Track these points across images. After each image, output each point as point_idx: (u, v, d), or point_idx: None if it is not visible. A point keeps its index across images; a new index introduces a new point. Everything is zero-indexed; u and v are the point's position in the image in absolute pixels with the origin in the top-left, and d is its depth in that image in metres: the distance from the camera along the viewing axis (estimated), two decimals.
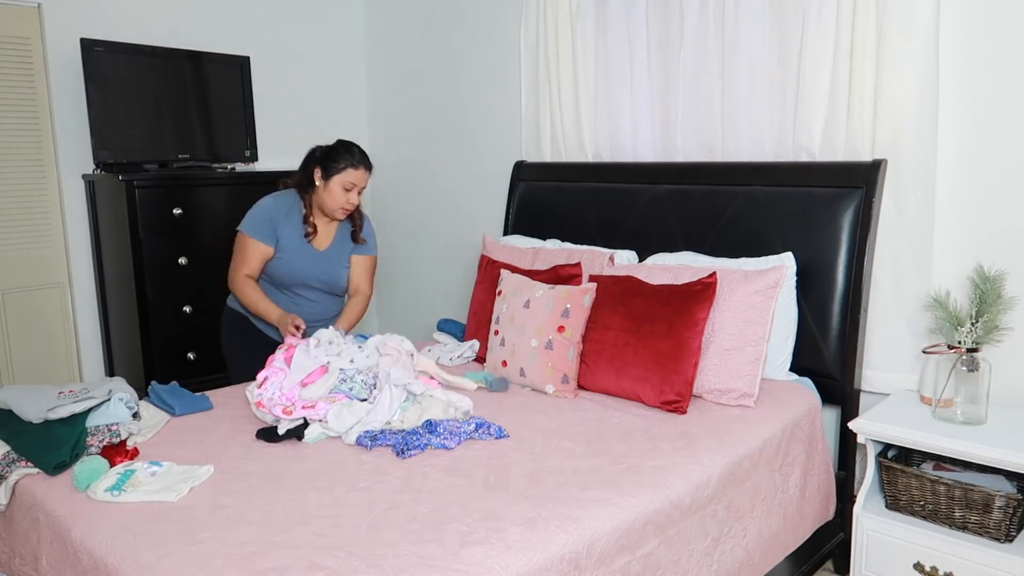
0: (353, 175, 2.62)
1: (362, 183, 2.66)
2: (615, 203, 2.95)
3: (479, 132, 3.69)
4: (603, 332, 2.39)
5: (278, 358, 2.24)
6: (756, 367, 2.25)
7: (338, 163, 2.61)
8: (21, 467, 1.86)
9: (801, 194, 2.48)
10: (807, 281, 2.43)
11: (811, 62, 2.46)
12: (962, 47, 2.23)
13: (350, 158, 2.62)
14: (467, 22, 3.66)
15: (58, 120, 3.26)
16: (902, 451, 2.23)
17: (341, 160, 2.61)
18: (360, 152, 2.66)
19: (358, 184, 2.64)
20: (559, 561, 1.49)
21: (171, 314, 3.23)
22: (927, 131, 2.28)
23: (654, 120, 2.96)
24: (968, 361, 2.08)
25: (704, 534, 1.85)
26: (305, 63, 4.02)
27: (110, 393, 2.02)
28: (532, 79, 3.34)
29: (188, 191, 3.25)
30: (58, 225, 3.33)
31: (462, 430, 2.02)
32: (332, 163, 2.62)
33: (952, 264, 2.30)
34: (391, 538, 1.49)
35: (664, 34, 2.86)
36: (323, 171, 2.63)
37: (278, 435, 2.03)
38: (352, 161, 2.61)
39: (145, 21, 3.44)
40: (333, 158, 2.62)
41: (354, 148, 2.66)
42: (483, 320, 2.84)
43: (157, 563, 1.43)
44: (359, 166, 2.63)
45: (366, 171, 2.65)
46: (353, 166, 2.61)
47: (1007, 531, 1.97)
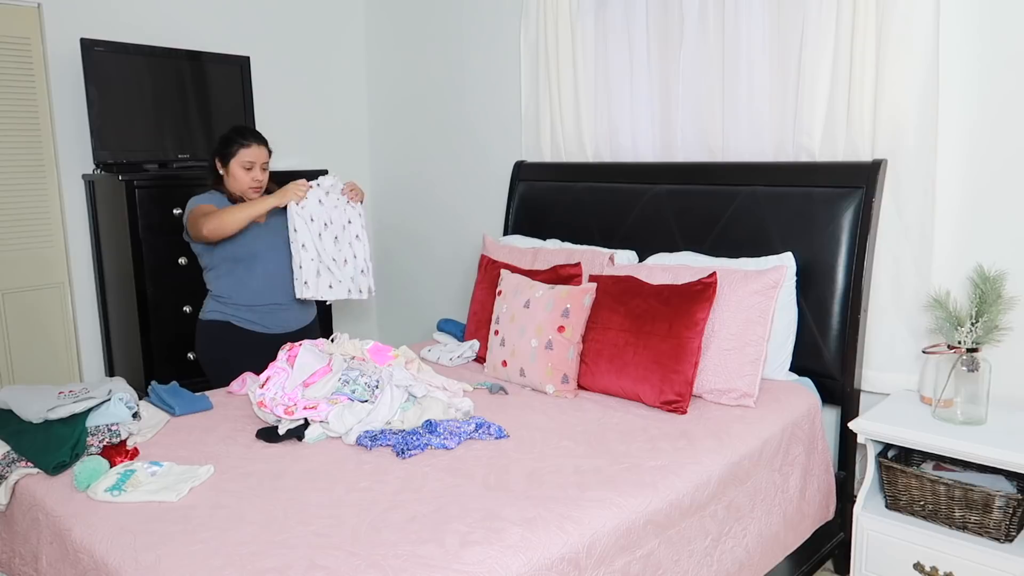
0: (246, 153, 2.65)
1: (260, 159, 2.68)
2: (615, 203, 2.95)
3: (479, 132, 3.69)
4: (603, 332, 2.39)
5: (280, 359, 2.24)
6: (756, 367, 2.25)
7: (229, 147, 2.66)
8: (21, 467, 1.86)
9: (801, 194, 2.48)
10: (807, 281, 2.43)
11: (811, 62, 2.46)
12: (962, 47, 2.23)
13: (239, 138, 2.65)
14: (467, 22, 3.66)
15: (58, 120, 3.26)
16: (902, 451, 2.23)
17: (231, 143, 2.66)
18: (249, 131, 2.70)
19: (256, 161, 2.67)
20: (559, 561, 1.49)
21: (171, 314, 3.23)
22: (927, 131, 2.28)
23: (654, 120, 2.96)
24: (968, 361, 2.08)
25: (704, 534, 1.85)
26: (305, 63, 4.02)
27: (110, 393, 2.02)
28: (532, 79, 3.34)
29: (188, 191, 3.24)
30: (58, 225, 3.33)
31: (462, 430, 2.02)
32: (224, 149, 2.67)
33: (952, 264, 2.31)
34: (391, 538, 1.49)
35: (664, 34, 2.86)
36: (220, 159, 2.68)
37: (278, 435, 2.03)
38: (241, 141, 2.65)
39: (145, 21, 3.44)
40: (224, 144, 2.68)
41: (243, 128, 2.72)
42: (483, 320, 2.84)
43: (157, 563, 1.43)
44: (249, 143, 2.65)
45: (258, 146, 2.67)
46: (243, 145, 2.64)
47: (1007, 531, 1.97)
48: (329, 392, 2.14)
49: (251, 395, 2.17)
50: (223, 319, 2.68)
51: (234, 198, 2.70)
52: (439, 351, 2.84)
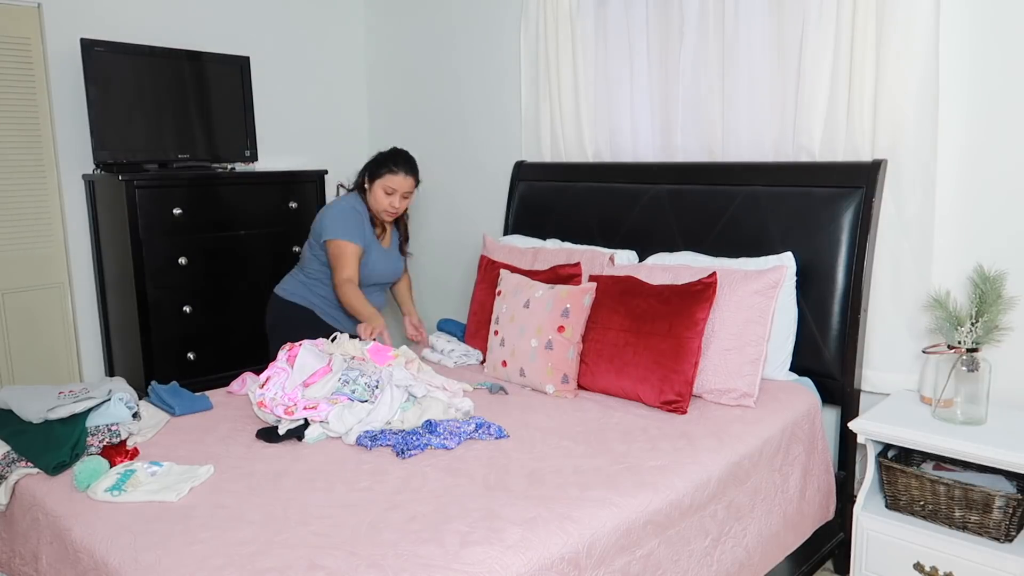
0: (392, 180, 2.80)
1: (402, 188, 2.82)
2: (615, 203, 2.95)
3: (479, 132, 3.69)
4: (603, 332, 2.39)
5: (280, 359, 2.24)
6: (756, 367, 2.25)
7: (379, 168, 2.82)
8: (21, 467, 1.86)
9: (801, 194, 2.48)
10: (807, 281, 2.43)
11: (811, 62, 2.46)
12: (962, 47, 2.23)
13: (391, 163, 2.81)
14: (467, 22, 3.66)
15: (58, 120, 3.26)
16: (902, 451, 2.23)
17: (382, 166, 2.82)
18: (404, 160, 2.85)
19: (398, 189, 2.82)
20: (559, 561, 1.49)
21: (171, 314, 3.23)
22: (927, 131, 2.28)
23: (654, 120, 2.96)
24: (968, 361, 2.08)
25: (704, 534, 1.85)
26: (305, 63, 4.01)
27: (110, 393, 2.02)
28: (532, 79, 3.34)
29: (188, 191, 3.25)
30: (58, 225, 3.33)
31: (462, 430, 2.02)
32: (376, 168, 2.84)
33: (952, 264, 2.30)
34: (391, 538, 1.49)
35: (664, 34, 2.86)
36: (369, 175, 2.84)
37: (278, 435, 2.03)
38: (391, 167, 2.80)
39: (145, 21, 3.44)
40: (378, 163, 2.84)
41: (399, 155, 2.87)
42: (483, 320, 2.84)
43: (157, 563, 1.43)
44: (398, 172, 2.81)
45: (406, 176, 2.83)
46: (392, 171, 2.81)
47: (1007, 531, 1.97)
48: (329, 392, 2.14)
49: (251, 395, 2.17)
50: (306, 304, 2.86)
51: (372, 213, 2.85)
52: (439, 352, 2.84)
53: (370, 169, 2.86)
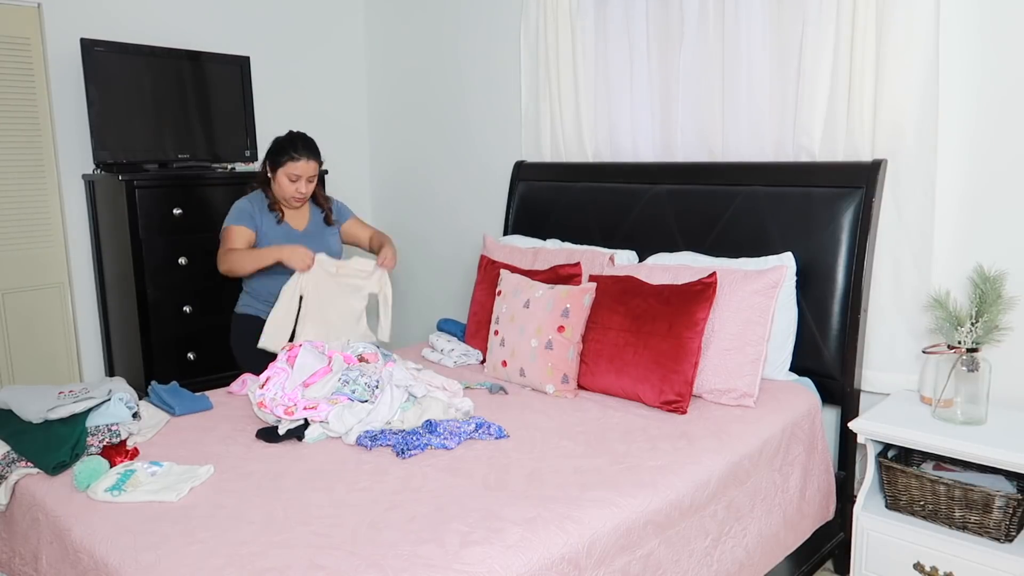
0: (294, 167, 2.70)
1: (306, 173, 2.72)
2: (615, 203, 2.95)
3: (479, 132, 3.69)
4: (603, 332, 2.39)
5: (280, 359, 2.24)
6: (756, 367, 2.25)
7: (280, 156, 2.71)
8: (21, 467, 1.86)
9: (801, 194, 2.48)
10: (807, 281, 2.43)
11: (811, 62, 2.46)
12: (962, 47, 2.23)
13: (291, 150, 2.70)
14: (467, 22, 3.66)
15: (58, 120, 3.26)
16: (902, 451, 2.23)
17: (283, 153, 2.71)
18: (303, 143, 2.72)
19: (302, 175, 2.72)
20: (559, 561, 1.49)
21: (171, 314, 3.23)
22: (927, 131, 2.28)
23: (654, 120, 2.96)
24: (968, 361, 2.08)
25: (704, 534, 1.85)
26: (305, 63, 4.01)
27: (110, 393, 2.02)
28: (532, 79, 3.34)
29: (188, 191, 3.25)
30: (58, 225, 3.33)
31: (462, 430, 2.02)
32: (276, 156, 2.73)
33: (952, 264, 2.30)
34: (391, 538, 1.49)
35: (664, 34, 2.86)
36: (270, 165, 2.74)
37: (278, 435, 2.03)
38: (291, 154, 2.69)
39: (145, 21, 3.44)
40: (276, 151, 2.73)
41: (297, 140, 2.73)
42: (483, 320, 2.84)
43: (157, 563, 1.43)
44: (299, 157, 2.70)
45: (308, 161, 2.71)
46: (293, 158, 2.69)
47: (1007, 531, 1.97)
48: (329, 392, 2.14)
49: (251, 395, 2.17)
50: (255, 313, 2.79)
51: (274, 204, 2.78)
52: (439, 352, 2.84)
53: (270, 158, 2.74)
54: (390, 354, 2.54)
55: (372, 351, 2.37)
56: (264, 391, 2.13)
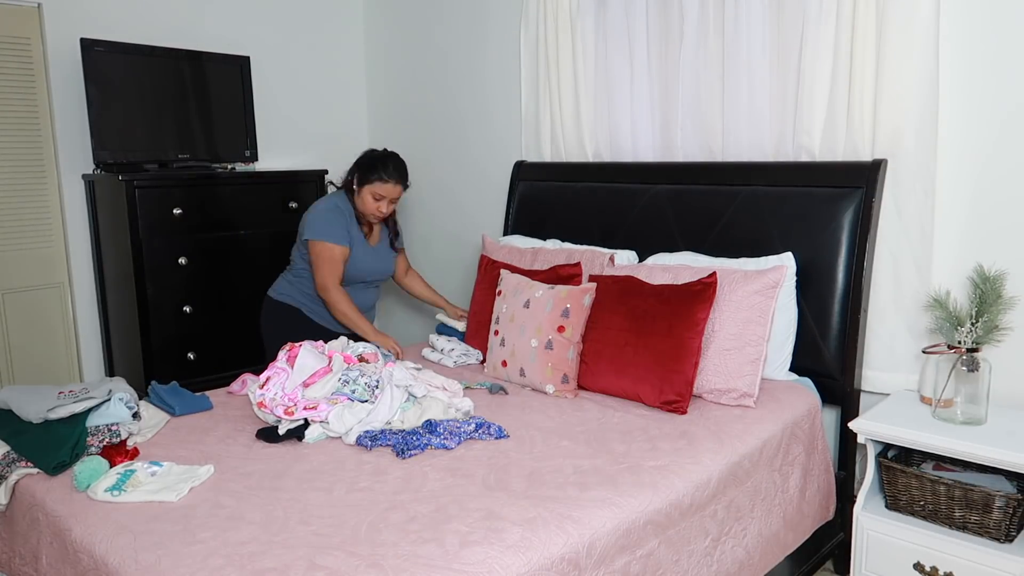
0: (381, 187, 2.78)
1: (391, 195, 2.81)
2: (615, 203, 2.95)
3: (479, 132, 3.69)
4: (603, 332, 2.39)
5: (280, 359, 2.24)
6: (756, 367, 2.25)
7: (370, 174, 2.78)
8: (21, 467, 1.86)
9: (801, 194, 2.48)
10: (807, 281, 2.43)
11: (811, 62, 2.46)
12: (962, 47, 2.23)
13: (382, 171, 2.78)
14: (467, 22, 3.66)
15: (58, 120, 3.26)
16: (902, 451, 2.23)
17: (373, 172, 2.78)
18: (395, 167, 2.81)
19: (387, 196, 2.80)
20: (559, 561, 1.49)
21: (171, 314, 3.23)
22: (927, 131, 2.28)
23: (654, 120, 2.96)
24: (968, 361, 2.08)
25: (704, 534, 1.85)
26: (305, 63, 4.01)
27: (110, 393, 2.02)
28: (532, 79, 3.34)
29: (188, 191, 3.25)
30: (58, 225, 3.33)
31: (462, 430, 2.02)
32: (366, 173, 2.79)
33: (952, 264, 2.30)
34: (391, 538, 1.49)
35: (664, 34, 2.86)
36: (358, 179, 2.80)
37: (278, 435, 2.03)
38: (382, 175, 2.77)
39: (145, 21, 3.44)
40: (368, 168, 2.79)
41: (389, 162, 2.81)
42: (483, 320, 2.84)
43: (157, 563, 1.43)
44: (388, 180, 2.78)
45: (395, 185, 2.80)
46: (382, 180, 2.78)
47: (1007, 531, 1.97)
48: (329, 392, 2.14)
49: (251, 396, 2.17)
50: (294, 304, 2.85)
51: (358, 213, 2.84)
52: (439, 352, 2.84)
53: (360, 172, 2.81)
54: (390, 355, 2.55)
55: (372, 351, 2.37)
56: (264, 391, 2.13)
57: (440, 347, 2.88)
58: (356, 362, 2.30)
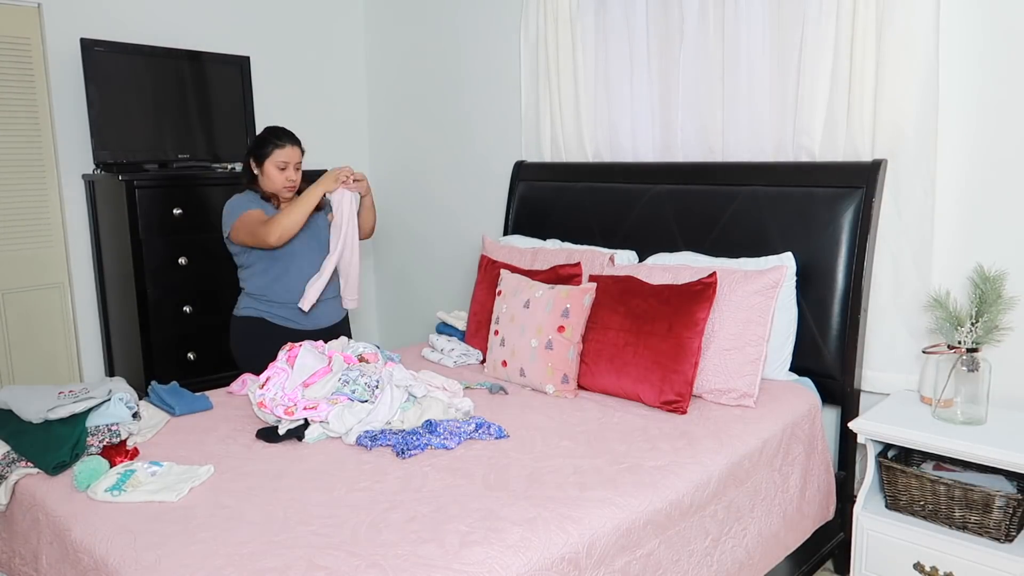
0: (281, 154, 2.70)
1: (294, 159, 2.73)
2: (615, 203, 2.95)
3: (479, 132, 3.69)
4: (603, 332, 2.39)
5: (280, 359, 2.24)
6: (756, 367, 2.25)
7: (264, 147, 2.71)
8: (21, 467, 1.86)
9: (801, 194, 2.48)
10: (807, 281, 2.43)
11: (811, 62, 2.46)
12: (962, 47, 2.23)
13: (273, 139, 2.70)
14: (467, 22, 3.66)
15: (58, 120, 3.26)
16: (902, 451, 2.23)
17: (266, 144, 2.71)
18: (284, 131, 2.74)
19: (290, 161, 2.71)
20: (559, 561, 1.49)
21: (171, 314, 3.23)
22: (927, 131, 2.28)
23: (654, 120, 2.96)
24: (968, 361, 2.08)
25: (704, 534, 1.85)
26: (305, 63, 4.02)
27: (110, 393, 2.02)
28: (532, 79, 3.34)
29: (188, 191, 3.25)
30: (58, 225, 3.33)
31: (462, 430, 2.02)
32: (259, 149, 2.72)
33: (952, 264, 2.30)
34: (391, 538, 1.49)
35: (664, 34, 2.86)
36: (255, 159, 2.73)
37: (278, 435, 2.03)
38: (275, 142, 2.70)
39: (145, 21, 3.44)
40: (259, 144, 2.73)
41: (277, 129, 2.75)
42: (483, 320, 2.84)
43: (157, 563, 1.43)
44: (284, 144, 2.70)
45: (292, 147, 2.72)
46: (278, 146, 2.70)
47: (1007, 531, 1.97)
48: (329, 392, 2.14)
49: (251, 396, 2.17)
50: (257, 315, 2.75)
51: (267, 197, 2.75)
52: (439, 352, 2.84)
53: (254, 153, 2.72)
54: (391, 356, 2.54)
55: (372, 351, 2.37)
56: (264, 391, 2.13)
57: (440, 347, 2.88)
58: (356, 362, 2.30)
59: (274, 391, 2.12)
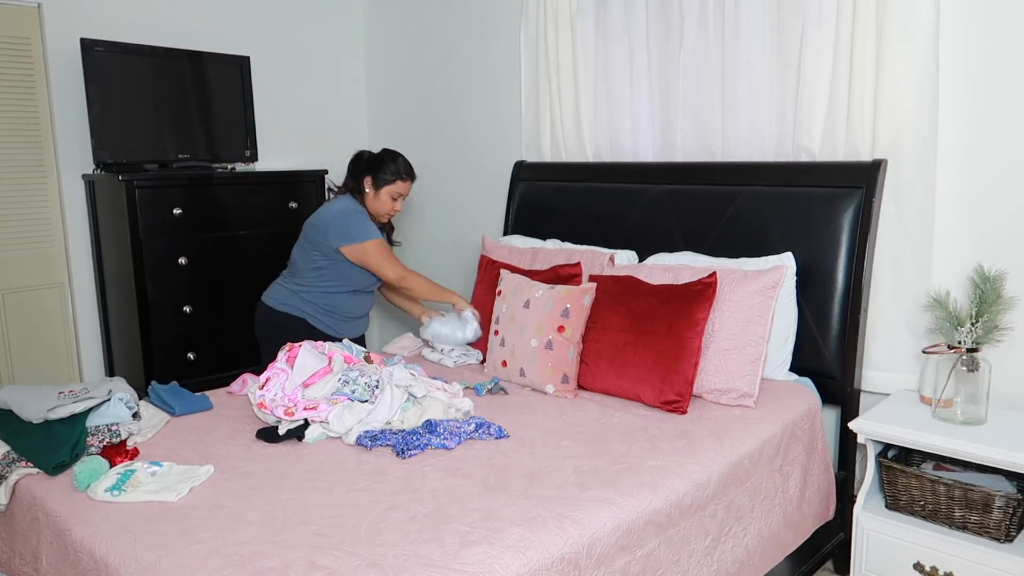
0: (401, 187, 2.84)
1: (407, 193, 2.87)
2: (615, 203, 2.95)
3: (479, 132, 3.69)
4: (603, 332, 2.39)
5: (280, 359, 2.24)
6: (756, 367, 2.25)
7: (388, 175, 2.80)
8: (21, 467, 1.86)
9: (801, 194, 2.48)
10: (807, 281, 2.43)
11: (811, 62, 2.46)
12: (962, 47, 2.23)
13: (401, 171, 2.82)
14: (467, 22, 3.66)
15: (58, 120, 3.26)
16: (902, 451, 2.23)
17: (391, 173, 2.81)
18: (406, 164, 2.86)
19: (403, 194, 2.86)
20: (559, 561, 1.49)
21: (171, 314, 3.23)
22: (927, 131, 2.28)
23: (654, 120, 2.96)
24: (968, 361, 2.08)
25: (704, 534, 1.85)
26: (305, 63, 4.02)
27: (110, 393, 2.02)
28: (532, 79, 3.34)
29: (188, 191, 3.25)
30: (58, 225, 3.33)
31: (462, 430, 2.02)
32: (382, 174, 2.81)
33: (952, 264, 2.30)
34: (391, 538, 1.49)
35: (664, 34, 2.86)
36: (374, 181, 2.81)
37: (278, 435, 2.03)
38: (401, 175, 2.82)
39: (145, 21, 3.44)
40: (383, 169, 2.81)
41: (400, 160, 2.85)
42: (483, 320, 2.84)
43: (157, 563, 1.43)
44: (407, 179, 2.85)
45: (411, 182, 2.87)
46: (402, 179, 2.83)
47: (1007, 531, 1.97)
48: (329, 392, 2.14)
49: (251, 396, 2.17)
50: (299, 315, 2.80)
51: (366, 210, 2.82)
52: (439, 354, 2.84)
53: (375, 173, 2.80)
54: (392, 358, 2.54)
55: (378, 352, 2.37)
56: (264, 392, 2.13)
57: (440, 347, 2.87)
58: (357, 362, 2.30)
59: (274, 392, 2.12)
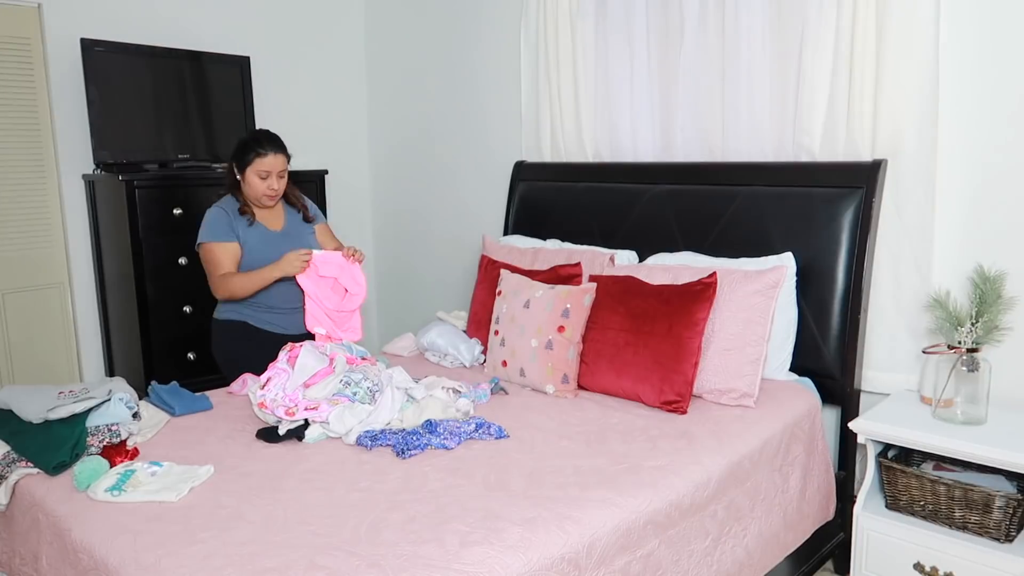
0: (262, 163, 2.60)
1: (277, 167, 2.63)
2: (615, 203, 2.95)
3: (479, 132, 3.69)
4: (603, 332, 2.39)
5: (281, 359, 2.24)
6: (756, 367, 2.25)
7: (247, 155, 2.61)
8: (21, 467, 1.86)
9: (801, 194, 2.48)
10: (807, 281, 2.43)
11: (811, 62, 2.46)
12: (962, 47, 2.23)
13: (256, 147, 2.61)
14: (467, 22, 3.66)
15: (58, 120, 3.26)
16: (902, 451, 2.23)
17: (248, 151, 2.61)
18: (267, 138, 2.64)
19: (272, 170, 2.62)
20: (559, 561, 1.49)
21: (171, 314, 3.23)
22: (927, 131, 2.28)
23: (654, 120, 2.96)
24: (968, 361, 2.08)
25: (704, 534, 1.85)
26: (305, 63, 4.02)
27: (110, 393, 2.02)
28: (532, 79, 3.34)
29: (188, 191, 3.25)
30: (58, 225, 3.33)
31: (462, 430, 2.02)
32: (242, 156, 2.63)
33: (952, 264, 2.30)
34: (391, 538, 1.49)
35: (664, 34, 2.86)
36: (237, 166, 2.64)
37: (278, 435, 2.03)
38: (258, 150, 2.60)
39: (145, 21, 3.44)
40: (242, 151, 2.63)
41: (261, 136, 2.65)
42: (483, 320, 2.84)
43: (157, 563, 1.43)
44: (266, 152, 2.60)
45: (276, 155, 2.63)
46: (260, 154, 2.60)
47: (1007, 531, 1.97)
48: (330, 393, 2.14)
49: (252, 396, 2.17)
50: (239, 319, 2.69)
51: (249, 203, 2.68)
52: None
53: (236, 159, 2.63)
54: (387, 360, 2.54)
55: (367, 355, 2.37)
56: (265, 392, 2.13)
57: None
58: (359, 363, 2.29)
59: (275, 392, 2.12)
